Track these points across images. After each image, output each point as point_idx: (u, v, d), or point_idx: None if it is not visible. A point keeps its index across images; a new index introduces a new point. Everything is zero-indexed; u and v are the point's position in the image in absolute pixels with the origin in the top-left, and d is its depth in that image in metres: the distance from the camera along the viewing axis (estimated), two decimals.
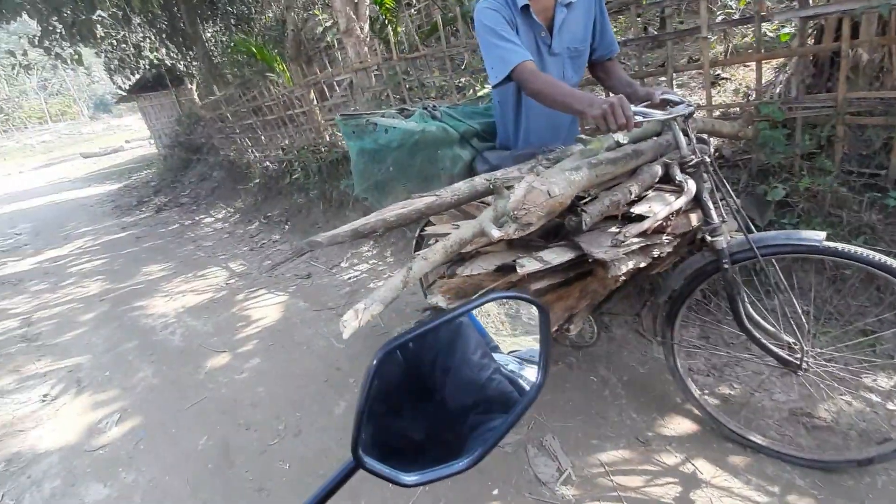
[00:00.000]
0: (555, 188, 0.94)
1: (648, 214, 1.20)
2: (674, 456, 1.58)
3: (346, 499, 1.64)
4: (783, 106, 2.06)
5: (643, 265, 1.27)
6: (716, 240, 1.32)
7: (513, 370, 0.64)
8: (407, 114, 1.90)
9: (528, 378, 0.61)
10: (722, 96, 2.89)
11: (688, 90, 3.05)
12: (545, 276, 1.24)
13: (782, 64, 2.65)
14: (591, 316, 1.69)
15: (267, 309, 3.24)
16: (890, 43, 1.91)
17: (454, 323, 0.59)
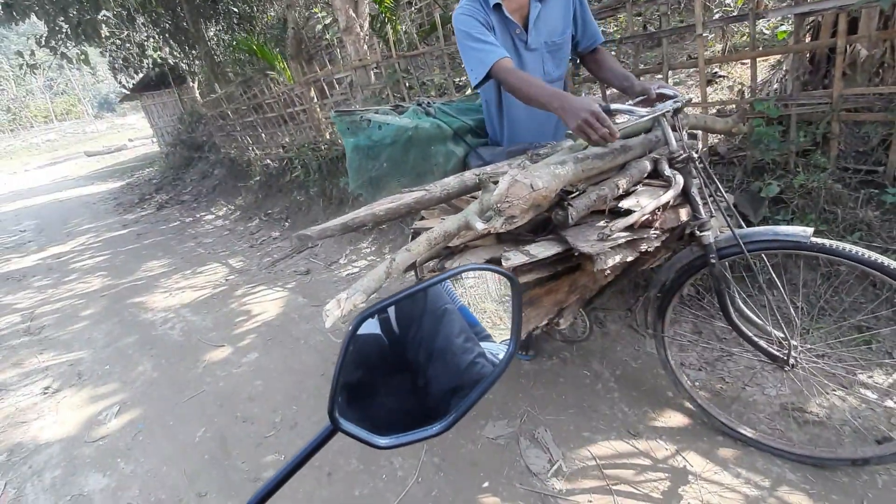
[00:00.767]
0: (538, 181, 0.95)
1: (636, 209, 1.21)
2: (664, 449, 1.59)
3: (343, 489, 1.66)
4: (778, 103, 2.07)
5: (631, 259, 1.28)
6: (703, 235, 1.33)
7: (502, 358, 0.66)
8: (401, 110, 1.91)
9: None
10: (718, 94, 2.90)
11: (684, 88, 3.05)
12: (533, 269, 1.25)
13: (778, 61, 2.65)
14: (583, 311, 1.70)
15: (266, 304, 3.27)
16: (891, 38, 1.91)
17: (439, 309, 0.61)
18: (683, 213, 1.40)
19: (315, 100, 4.79)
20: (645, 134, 1.45)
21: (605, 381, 1.92)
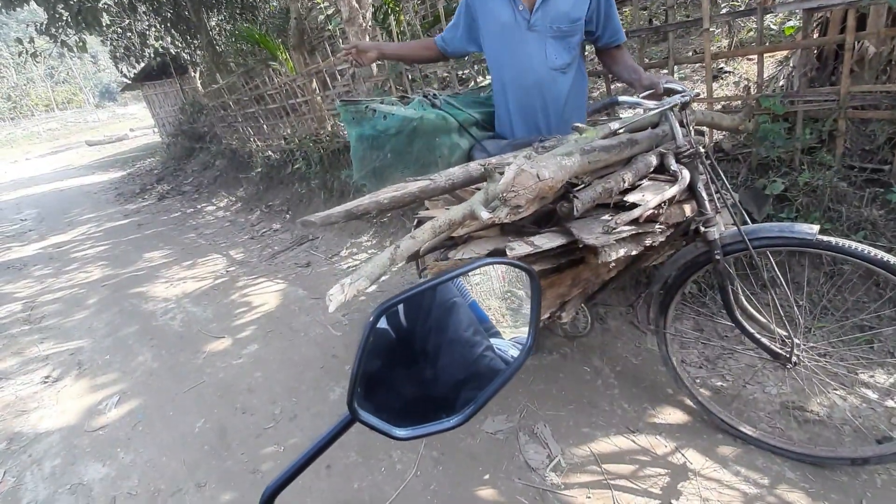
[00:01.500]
0: (545, 171, 0.94)
1: (641, 203, 1.20)
2: (664, 445, 1.59)
3: (341, 481, 1.66)
4: (784, 100, 2.05)
5: (635, 253, 1.27)
6: (708, 230, 1.32)
7: (512, 355, 0.65)
8: (407, 101, 1.90)
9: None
10: (724, 89, 2.87)
11: (690, 83, 3.02)
12: (536, 261, 1.24)
13: (786, 57, 2.62)
14: (584, 306, 1.69)
15: (266, 296, 3.26)
16: None
17: (448, 302, 0.60)
18: (688, 209, 1.39)
19: (317, 91, 4.76)
20: (652, 128, 1.44)
21: (605, 377, 1.91)
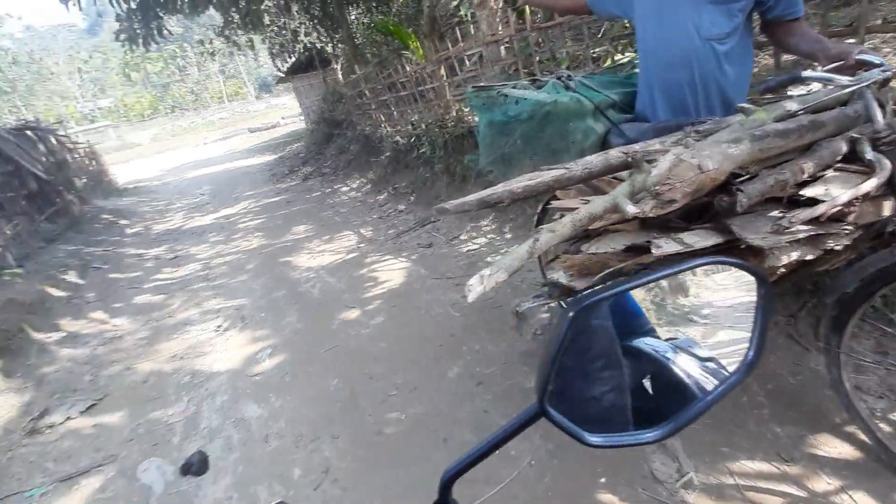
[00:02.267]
0: (708, 162, 0.84)
1: (824, 198, 1.01)
2: (825, 482, 1.36)
3: (456, 455, 1.74)
4: None
5: (810, 258, 1.08)
6: None
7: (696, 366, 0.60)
8: (539, 85, 1.84)
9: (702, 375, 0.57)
10: None
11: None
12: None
13: None
14: None
15: (391, 273, 3.50)
16: None
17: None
18: (887, 207, 1.14)
19: (445, 77, 4.87)
20: (841, 108, 1.20)
21: (752, 394, 1.69)
